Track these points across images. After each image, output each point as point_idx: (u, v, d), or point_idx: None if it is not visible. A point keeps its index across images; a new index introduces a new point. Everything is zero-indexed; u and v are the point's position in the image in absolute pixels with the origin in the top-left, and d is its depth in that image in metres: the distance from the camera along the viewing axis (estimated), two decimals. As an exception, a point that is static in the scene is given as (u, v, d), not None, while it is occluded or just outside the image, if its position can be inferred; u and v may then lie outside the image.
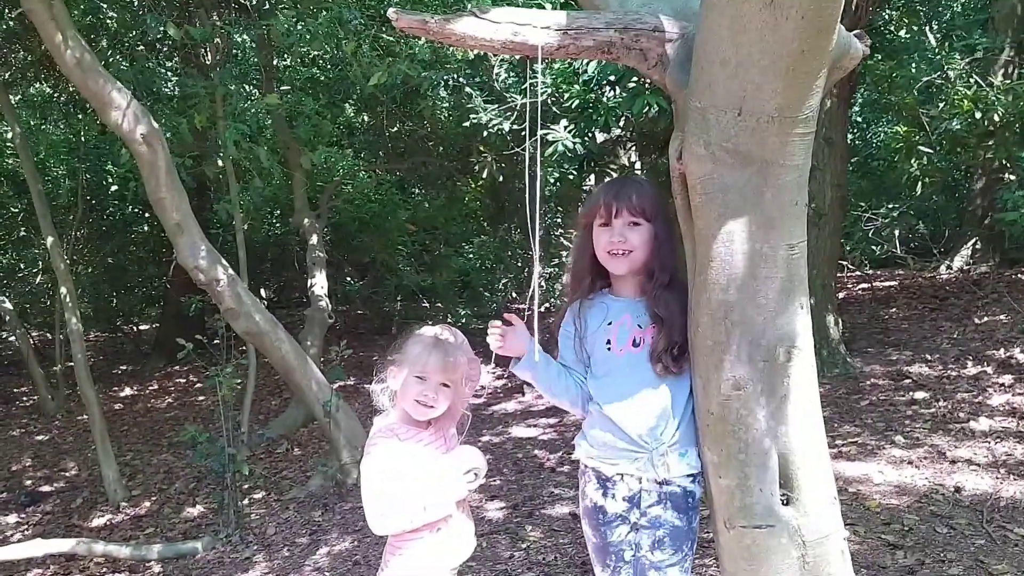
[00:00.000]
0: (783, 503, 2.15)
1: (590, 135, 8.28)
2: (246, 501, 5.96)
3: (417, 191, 12.81)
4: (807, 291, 2.16)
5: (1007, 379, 6.00)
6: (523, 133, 8.41)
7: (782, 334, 2.09)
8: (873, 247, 10.68)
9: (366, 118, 11.15)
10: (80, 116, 10.80)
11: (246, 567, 4.86)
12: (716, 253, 2.04)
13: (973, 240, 10.60)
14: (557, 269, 12.76)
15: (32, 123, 11.75)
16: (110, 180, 12.12)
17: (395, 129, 10.54)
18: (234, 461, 5.54)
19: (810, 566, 2.14)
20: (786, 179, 2.02)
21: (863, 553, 3.76)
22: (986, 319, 7.57)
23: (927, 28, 8.91)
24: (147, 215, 12.96)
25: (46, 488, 7.26)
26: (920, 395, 5.94)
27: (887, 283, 10.25)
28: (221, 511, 5.72)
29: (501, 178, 9.36)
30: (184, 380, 10.95)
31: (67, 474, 7.58)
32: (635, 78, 6.85)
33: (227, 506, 5.60)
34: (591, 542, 2.38)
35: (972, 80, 8.60)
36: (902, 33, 9.82)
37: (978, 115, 8.28)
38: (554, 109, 7.66)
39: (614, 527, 2.29)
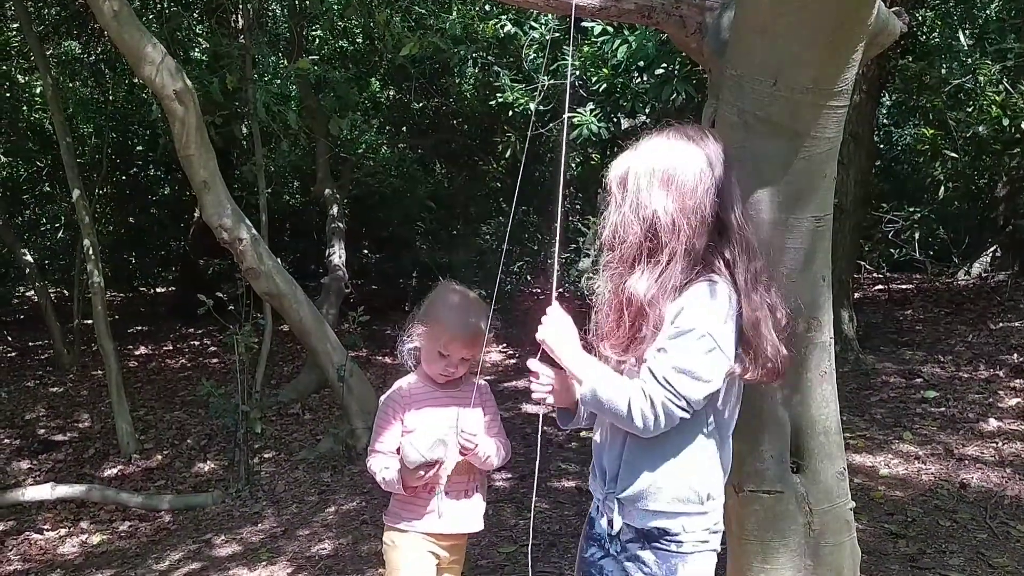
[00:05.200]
0: (793, 470, 2.19)
1: (616, 120, 8.29)
2: (256, 460, 6.04)
3: (438, 168, 12.83)
4: (830, 264, 2.19)
5: (1019, 383, 6.00)
6: (547, 114, 8.44)
7: (803, 305, 2.12)
8: (891, 250, 10.66)
9: (392, 93, 11.19)
10: (108, 75, 10.89)
11: (255, 521, 4.94)
12: (742, 221, 2.07)
13: (993, 248, 10.56)
14: (573, 255, 12.78)
15: (61, 81, 11.84)
16: (135, 140, 12.21)
17: (420, 105, 10.58)
18: (247, 418, 5.62)
19: (816, 533, 2.19)
20: (817, 151, 2.05)
21: (865, 540, 3.78)
22: (1002, 325, 7.55)
23: (960, 31, 8.86)
24: (169, 177, 13.08)
25: (59, 437, 7.35)
26: (931, 394, 5.95)
27: (903, 286, 10.23)
28: (232, 467, 5.82)
29: (524, 158, 9.37)
30: (198, 342, 11.05)
31: (80, 425, 7.67)
32: (664, 64, 6.86)
33: (238, 462, 5.68)
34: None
35: (1002, 86, 8.57)
36: (934, 36, 9.75)
37: (1006, 122, 8.26)
38: (581, 92, 7.67)
39: (591, 544, 2.07)
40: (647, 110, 7.89)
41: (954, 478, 4.55)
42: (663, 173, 1.86)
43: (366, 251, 12.93)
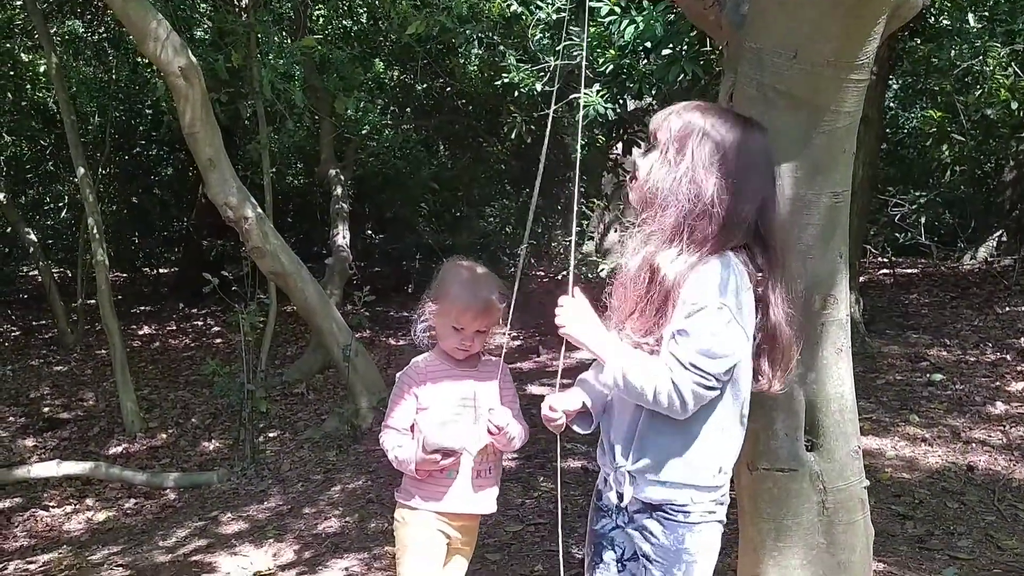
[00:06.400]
0: (807, 448, 2.18)
1: (622, 101, 8.23)
2: (261, 439, 6.04)
3: (442, 149, 12.77)
4: (847, 240, 2.17)
5: (1026, 367, 6.00)
6: (554, 95, 8.39)
7: (819, 281, 2.10)
8: (897, 234, 10.61)
9: (395, 74, 11.12)
10: (112, 55, 10.82)
11: (261, 499, 4.94)
12: (759, 196, 2.05)
13: (999, 232, 10.52)
14: (577, 238, 12.72)
15: (64, 60, 11.78)
16: (139, 120, 12.16)
17: (425, 86, 10.51)
18: (252, 397, 5.61)
19: (829, 511, 2.17)
20: (837, 125, 2.03)
21: (873, 521, 3.73)
22: (1008, 309, 7.53)
23: (969, 13, 8.77)
24: (172, 157, 13.04)
25: (64, 415, 7.36)
26: (937, 377, 5.93)
27: (908, 270, 10.20)
28: (237, 446, 5.82)
29: (530, 140, 9.32)
30: (201, 322, 11.04)
31: (85, 403, 7.68)
32: (671, 45, 6.81)
33: (243, 441, 5.69)
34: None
35: (1012, 69, 8.50)
36: (944, 18, 9.67)
37: (1014, 105, 8.20)
38: (587, 73, 7.62)
39: (601, 516, 2.07)
40: (653, 91, 7.84)
41: (961, 461, 4.55)
42: (731, 153, 1.82)
43: (370, 232, 12.89)
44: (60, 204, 12.79)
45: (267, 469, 5.49)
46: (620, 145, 8.91)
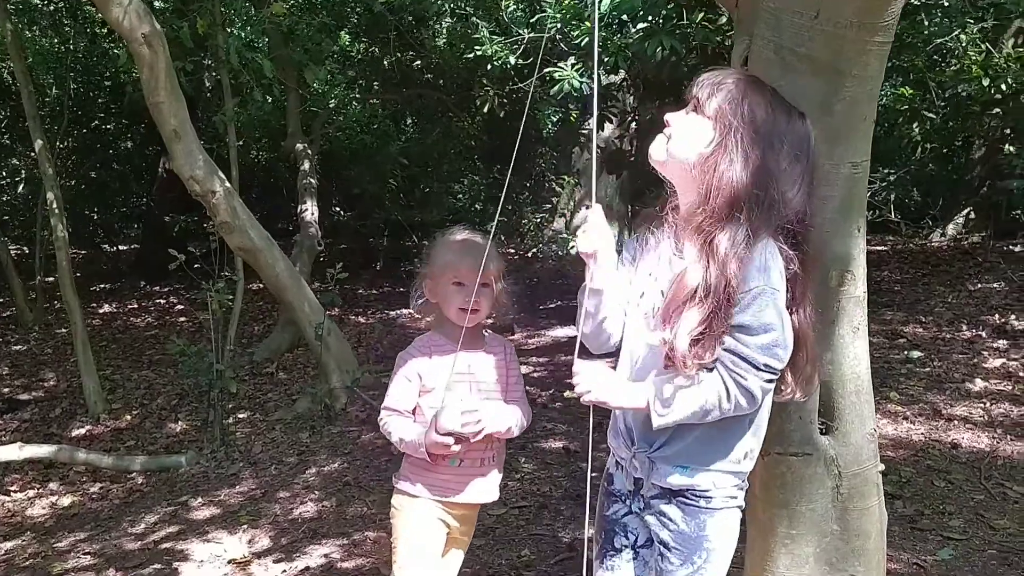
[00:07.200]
0: (821, 432, 2.09)
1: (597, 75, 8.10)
2: (230, 420, 5.87)
3: (411, 124, 12.56)
4: (865, 213, 2.07)
5: (1002, 344, 5.99)
6: (526, 70, 8.23)
7: (836, 257, 2.00)
8: (866, 211, 10.62)
9: (362, 47, 10.87)
10: (68, 25, 10.46)
11: (233, 482, 4.79)
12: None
13: (967, 210, 10.58)
14: (548, 216, 12.61)
15: (19, 29, 11.36)
16: (97, 92, 11.79)
17: (394, 59, 10.28)
18: (221, 377, 5.45)
19: (843, 497, 2.09)
20: (859, 91, 1.92)
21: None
22: (980, 286, 7.55)
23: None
24: (133, 131, 12.68)
25: (24, 396, 7.12)
26: (915, 354, 5.92)
27: (878, 247, 10.22)
28: (205, 427, 5.65)
29: (503, 114, 9.16)
30: (164, 300, 10.79)
31: (45, 384, 7.44)
32: (648, 18, 6.69)
33: (212, 423, 5.52)
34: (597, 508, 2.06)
35: (984, 46, 8.49)
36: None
37: (986, 82, 8.19)
38: (561, 45, 7.48)
39: (613, 501, 1.96)
40: (628, 65, 7.73)
41: (945, 439, 4.52)
42: (781, 132, 1.73)
43: (337, 209, 12.67)
44: (17, 179, 12.38)
45: (238, 452, 5.33)
46: (592, 120, 8.79)
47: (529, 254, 10.53)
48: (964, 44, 8.57)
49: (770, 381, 1.69)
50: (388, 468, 4.64)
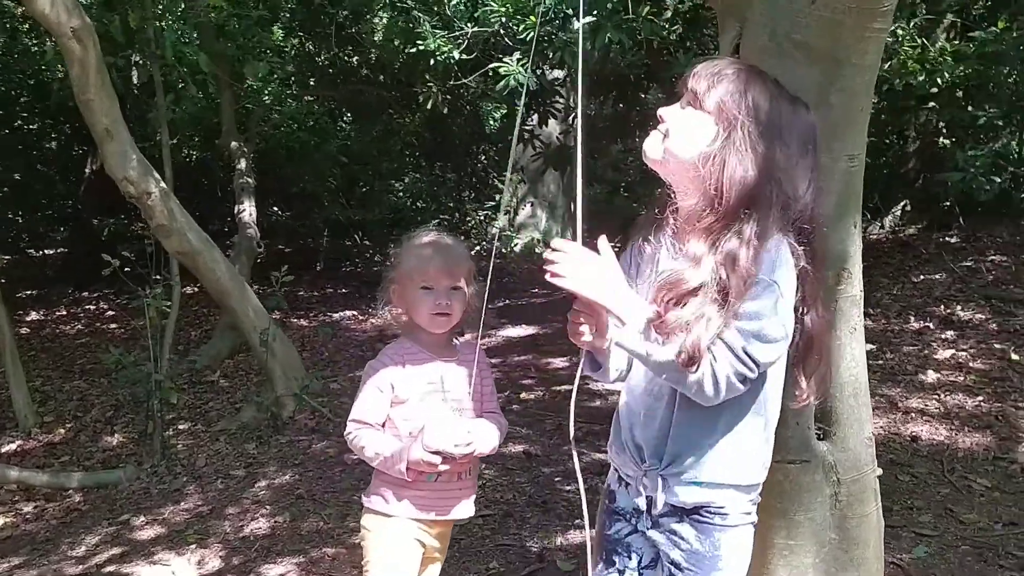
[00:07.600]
0: (819, 437, 2.00)
1: (540, 71, 7.99)
2: (170, 431, 5.61)
3: (350, 121, 12.31)
4: (860, 208, 1.99)
5: (950, 334, 6.05)
6: (469, 64, 8.09)
7: (833, 254, 1.93)
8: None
9: (296, 41, 10.58)
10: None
11: (177, 499, 4.55)
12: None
13: (904, 202, 10.75)
14: (492, 213, 12.48)
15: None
16: (19, 91, 11.28)
17: (332, 54, 10.03)
18: (160, 388, 5.19)
19: (842, 504, 2.01)
20: (857, 81, 1.84)
21: (831, 499, 3.69)
22: (923, 277, 7.65)
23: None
24: (57, 130, 12.17)
25: (-54, 412, 6.73)
26: (867, 347, 5.94)
27: (819, 240, 10.33)
28: (144, 440, 5.39)
29: (445, 110, 9.00)
30: (94, 307, 10.36)
31: (-31, 398, 7.05)
32: (594, 12, 6.60)
33: (151, 435, 5.27)
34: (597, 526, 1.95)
35: (920, 40, 8.62)
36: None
37: (922, 77, 8.32)
38: (506, 40, 7.36)
39: (615, 520, 1.85)
40: (573, 60, 7.64)
41: (904, 431, 4.52)
42: (787, 124, 1.63)
43: (275, 208, 12.36)
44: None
45: (180, 465, 5.09)
46: (536, 116, 8.69)
47: (473, 252, 10.40)
48: (900, 39, 8.68)
49: (739, 376, 1.53)
50: (342, 479, 4.47)
